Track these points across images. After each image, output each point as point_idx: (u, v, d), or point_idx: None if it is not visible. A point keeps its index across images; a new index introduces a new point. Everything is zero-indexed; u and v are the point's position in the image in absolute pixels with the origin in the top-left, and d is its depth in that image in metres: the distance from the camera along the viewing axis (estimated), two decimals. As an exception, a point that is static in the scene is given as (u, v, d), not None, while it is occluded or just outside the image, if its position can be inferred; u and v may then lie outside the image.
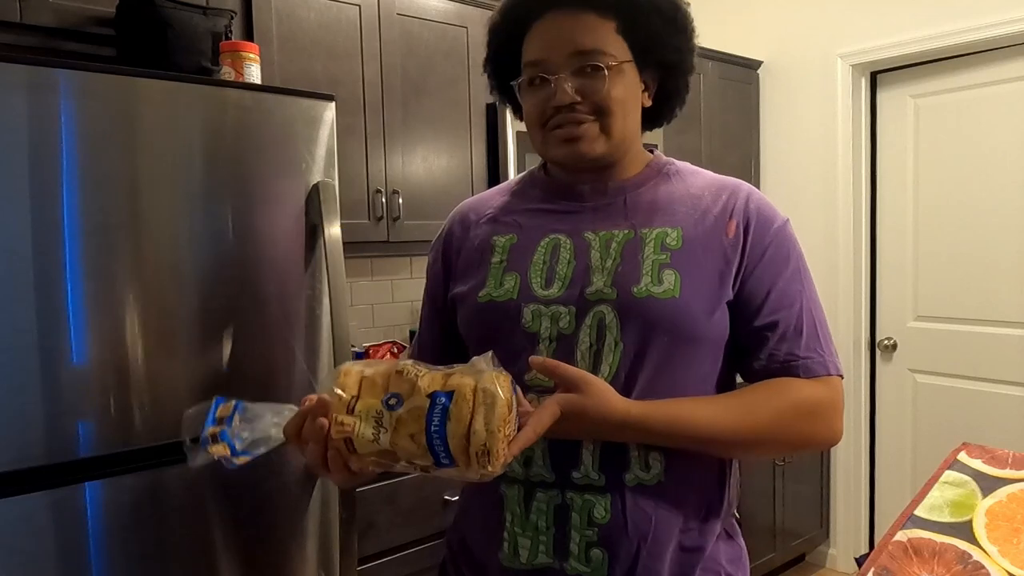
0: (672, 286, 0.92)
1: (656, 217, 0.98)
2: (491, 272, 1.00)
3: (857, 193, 3.15)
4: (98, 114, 1.35)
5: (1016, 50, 2.74)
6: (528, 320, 0.95)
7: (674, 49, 0.99)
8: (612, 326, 0.92)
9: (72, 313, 1.32)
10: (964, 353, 2.94)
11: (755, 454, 1.07)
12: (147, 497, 1.42)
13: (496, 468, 0.74)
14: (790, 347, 0.95)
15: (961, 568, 0.78)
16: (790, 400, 0.95)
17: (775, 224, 1.00)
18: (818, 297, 1.02)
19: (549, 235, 1.00)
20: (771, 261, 0.97)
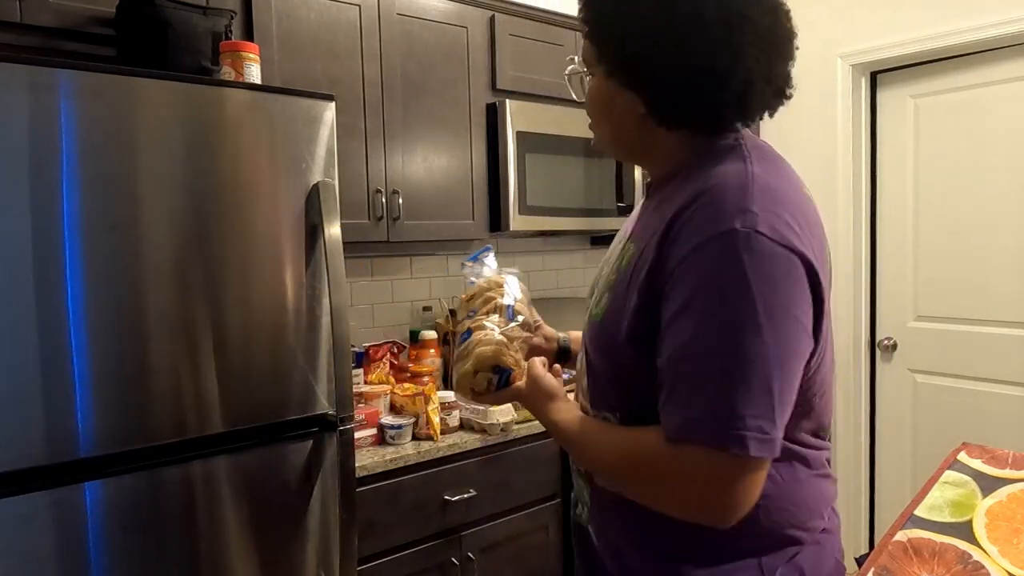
0: (601, 308, 0.93)
1: (640, 227, 0.95)
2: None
3: (857, 193, 3.15)
4: (98, 114, 1.35)
5: (1016, 50, 2.74)
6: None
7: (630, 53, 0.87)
8: (585, 342, 1.01)
9: (72, 313, 1.32)
10: (964, 353, 2.94)
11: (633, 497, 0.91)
12: (147, 497, 1.42)
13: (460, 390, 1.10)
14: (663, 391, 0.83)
15: (961, 568, 0.78)
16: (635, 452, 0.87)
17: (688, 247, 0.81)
18: (736, 344, 0.77)
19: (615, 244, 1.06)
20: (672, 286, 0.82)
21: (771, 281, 0.78)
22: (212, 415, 1.49)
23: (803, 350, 0.82)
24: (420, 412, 2.04)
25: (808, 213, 0.87)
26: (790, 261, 0.79)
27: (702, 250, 0.80)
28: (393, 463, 1.89)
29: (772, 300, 0.78)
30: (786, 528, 0.92)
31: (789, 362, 0.80)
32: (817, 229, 0.88)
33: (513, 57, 2.45)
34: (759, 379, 0.77)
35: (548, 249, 3.06)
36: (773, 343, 0.77)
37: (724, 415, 0.77)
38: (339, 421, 1.63)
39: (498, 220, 2.40)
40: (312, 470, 1.64)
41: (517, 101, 2.40)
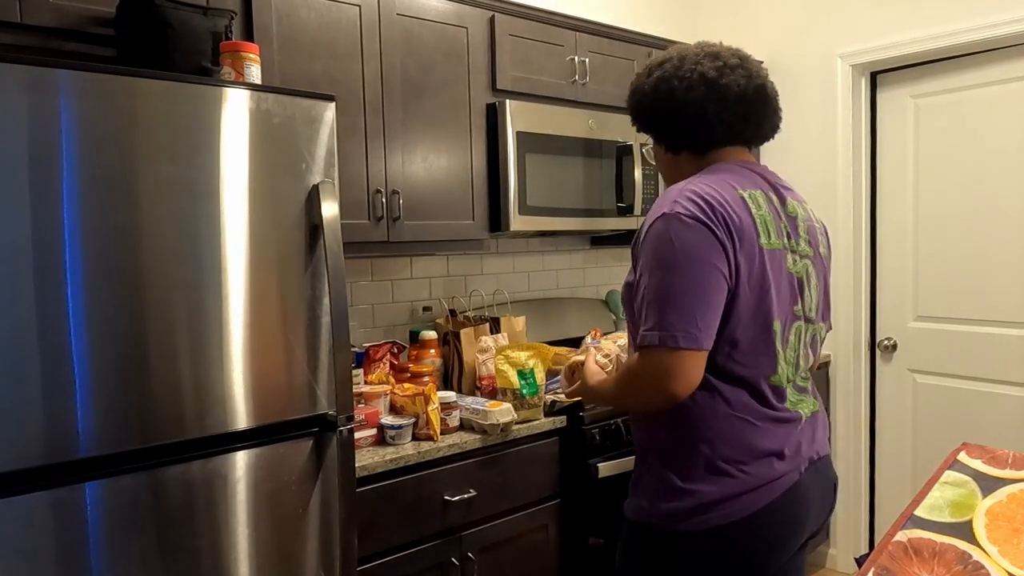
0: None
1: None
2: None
3: (857, 193, 3.15)
4: (98, 114, 1.35)
5: (1016, 50, 2.74)
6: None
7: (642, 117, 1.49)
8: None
9: (72, 313, 1.32)
10: (964, 353, 2.94)
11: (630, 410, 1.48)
12: (147, 497, 1.42)
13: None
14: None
15: (961, 568, 0.78)
16: (622, 374, 1.38)
17: (642, 234, 1.32)
18: (667, 283, 1.24)
19: None
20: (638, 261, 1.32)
21: (686, 241, 1.24)
22: (212, 415, 1.49)
23: (717, 283, 1.24)
24: (420, 412, 2.04)
25: (730, 206, 1.29)
26: (700, 229, 1.25)
27: (648, 233, 1.30)
28: (393, 463, 1.89)
29: (688, 252, 1.24)
30: (700, 444, 1.31)
31: (704, 287, 1.23)
32: (736, 217, 1.28)
33: (513, 57, 2.45)
34: (683, 301, 1.23)
35: (548, 249, 3.06)
36: (690, 278, 1.23)
37: (663, 325, 1.23)
38: (339, 421, 1.63)
39: (498, 220, 2.40)
40: (312, 470, 1.64)
41: (517, 101, 2.40)
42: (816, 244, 1.46)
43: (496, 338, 2.44)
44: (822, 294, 1.46)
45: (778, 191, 1.44)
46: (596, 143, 2.59)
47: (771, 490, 1.31)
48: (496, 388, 2.27)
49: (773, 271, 1.31)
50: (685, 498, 1.31)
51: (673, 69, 1.39)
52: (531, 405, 2.20)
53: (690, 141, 1.43)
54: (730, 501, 1.29)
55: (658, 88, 1.40)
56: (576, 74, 2.63)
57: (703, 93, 1.37)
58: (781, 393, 1.35)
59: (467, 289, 2.79)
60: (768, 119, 1.46)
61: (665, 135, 1.45)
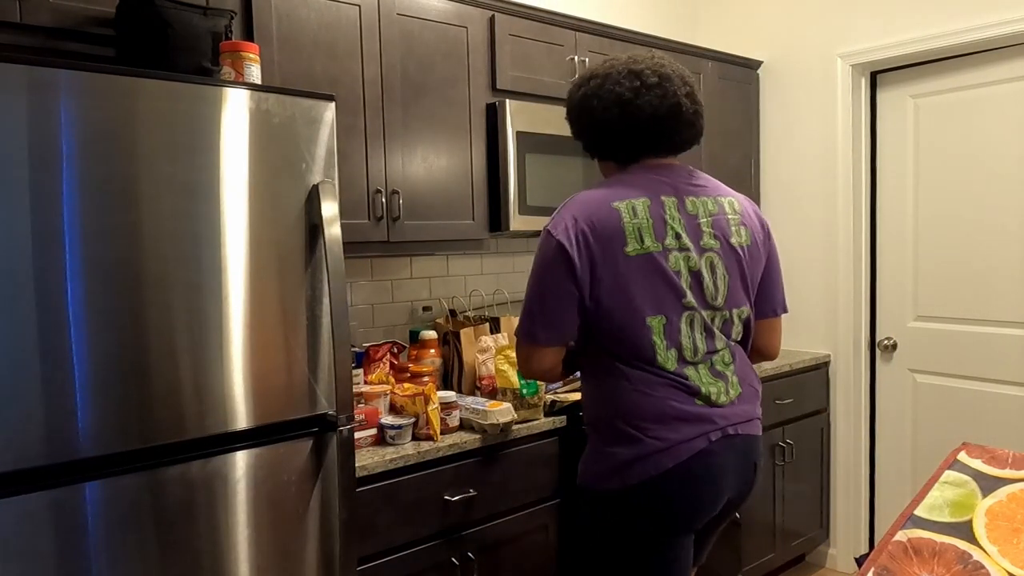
0: None
1: None
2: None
3: (857, 193, 3.15)
4: (98, 114, 1.35)
5: (1016, 50, 2.74)
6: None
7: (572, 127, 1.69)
8: None
9: (72, 313, 1.33)
10: (964, 353, 2.94)
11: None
12: (147, 497, 1.42)
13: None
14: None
15: (961, 568, 0.78)
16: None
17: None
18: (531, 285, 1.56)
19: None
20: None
21: (545, 253, 1.53)
22: (212, 415, 1.49)
23: (563, 292, 1.51)
24: (420, 412, 2.04)
25: (595, 224, 1.50)
26: (559, 247, 1.51)
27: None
28: (393, 463, 1.89)
29: (543, 262, 1.53)
30: (613, 416, 1.55)
31: (546, 298, 1.53)
32: (602, 234, 1.50)
33: (513, 57, 2.45)
34: (537, 305, 1.55)
35: (548, 249, 3.05)
36: (541, 289, 1.54)
37: (521, 325, 1.58)
38: (339, 421, 1.63)
39: (498, 220, 2.40)
40: (312, 470, 1.64)
41: (517, 101, 2.40)
42: (725, 235, 1.58)
43: (496, 338, 2.44)
44: (738, 280, 1.59)
45: (680, 194, 1.57)
46: (596, 143, 2.59)
47: (678, 452, 1.50)
48: (496, 388, 2.27)
49: (642, 273, 1.50)
50: (605, 460, 1.55)
51: (596, 87, 1.56)
52: (531, 405, 2.21)
53: (608, 153, 1.62)
54: (641, 461, 1.50)
55: (581, 105, 1.59)
56: (576, 74, 2.63)
57: (616, 114, 1.54)
58: (678, 372, 1.53)
59: (467, 289, 2.79)
60: (680, 133, 1.58)
61: (589, 145, 1.65)
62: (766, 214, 3.44)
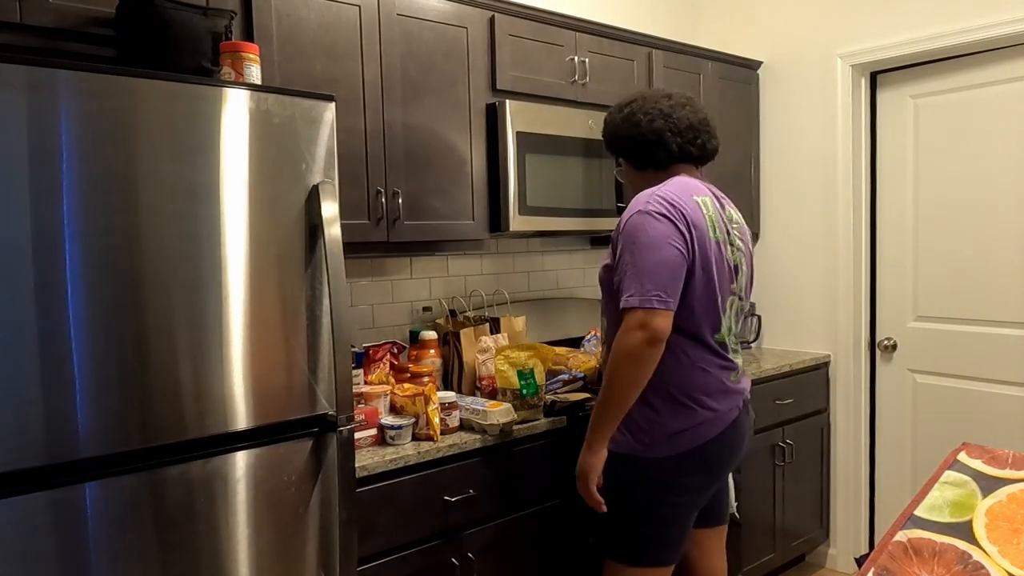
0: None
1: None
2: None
3: (857, 193, 3.15)
4: (98, 114, 1.35)
5: (1016, 50, 2.74)
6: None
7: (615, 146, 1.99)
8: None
9: (72, 313, 1.32)
10: (964, 353, 2.94)
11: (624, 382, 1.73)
12: (147, 497, 1.42)
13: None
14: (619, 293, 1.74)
15: (961, 568, 0.78)
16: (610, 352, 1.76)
17: (620, 227, 1.78)
18: (643, 261, 1.68)
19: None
20: (617, 247, 1.77)
21: (654, 228, 1.71)
22: (212, 415, 1.49)
23: (679, 261, 1.70)
24: (420, 412, 2.04)
25: (686, 206, 1.76)
26: (665, 222, 1.71)
27: (626, 225, 1.76)
28: (393, 463, 1.89)
29: (658, 238, 1.70)
30: (672, 388, 1.79)
31: (669, 265, 1.69)
32: (693, 218, 1.76)
33: (513, 57, 2.45)
34: (655, 274, 1.68)
35: (548, 249, 3.06)
36: (660, 258, 1.69)
37: (643, 292, 1.67)
38: (339, 421, 1.63)
39: (498, 220, 2.40)
40: (312, 470, 1.64)
41: (517, 101, 2.40)
42: (746, 242, 1.95)
43: (496, 338, 2.44)
44: (748, 279, 1.95)
45: (719, 200, 1.90)
46: (596, 143, 2.59)
47: (721, 421, 1.83)
48: (496, 388, 2.27)
49: (716, 257, 1.79)
50: (655, 430, 1.80)
51: (638, 107, 1.89)
52: (531, 405, 2.20)
53: (653, 159, 1.90)
54: (692, 430, 1.79)
55: (627, 120, 1.90)
56: (576, 74, 2.63)
57: (661, 124, 1.86)
58: (725, 347, 1.86)
59: (467, 289, 2.79)
60: (711, 141, 1.93)
61: (634, 156, 1.93)
62: (766, 214, 3.44)
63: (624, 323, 1.69)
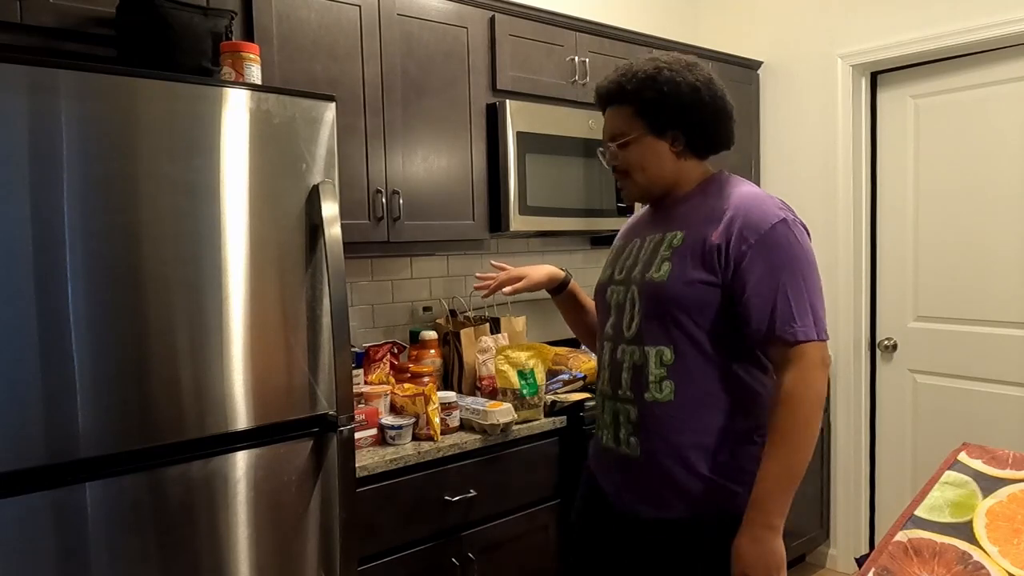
0: (664, 273, 1.41)
1: (678, 222, 1.44)
2: (604, 266, 1.61)
3: (857, 193, 3.15)
4: (98, 114, 1.35)
5: (1016, 50, 2.74)
6: (608, 295, 1.53)
7: (677, 113, 1.42)
8: (638, 297, 1.44)
9: (72, 313, 1.32)
10: (964, 353, 2.94)
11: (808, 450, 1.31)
12: (147, 497, 1.42)
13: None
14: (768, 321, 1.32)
15: (961, 568, 0.78)
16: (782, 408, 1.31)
17: (756, 235, 1.34)
18: (810, 283, 1.34)
19: (634, 239, 1.54)
20: (750, 261, 1.34)
21: (807, 243, 1.38)
22: (212, 415, 1.49)
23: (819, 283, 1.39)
24: (420, 412, 2.04)
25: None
26: (805, 232, 1.39)
27: (770, 234, 1.34)
28: (393, 463, 1.89)
29: (811, 256, 1.37)
30: (752, 432, 1.41)
31: (818, 288, 1.37)
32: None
33: (513, 57, 2.45)
34: (819, 298, 1.35)
35: (548, 249, 3.06)
36: (817, 278, 1.36)
37: (817, 320, 1.33)
38: (339, 421, 1.63)
39: (498, 220, 2.40)
40: (312, 470, 1.64)
41: (517, 101, 2.40)
42: None
43: (496, 338, 2.44)
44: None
45: None
46: (596, 143, 2.59)
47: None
48: (496, 388, 2.27)
49: None
50: (742, 481, 1.37)
51: (706, 77, 1.45)
52: (531, 405, 2.21)
53: (712, 142, 1.47)
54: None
55: (706, 87, 1.43)
56: (576, 74, 2.63)
57: (731, 103, 1.49)
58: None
59: (467, 289, 2.79)
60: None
61: (695, 132, 1.44)
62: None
63: (804, 360, 1.30)
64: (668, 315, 1.38)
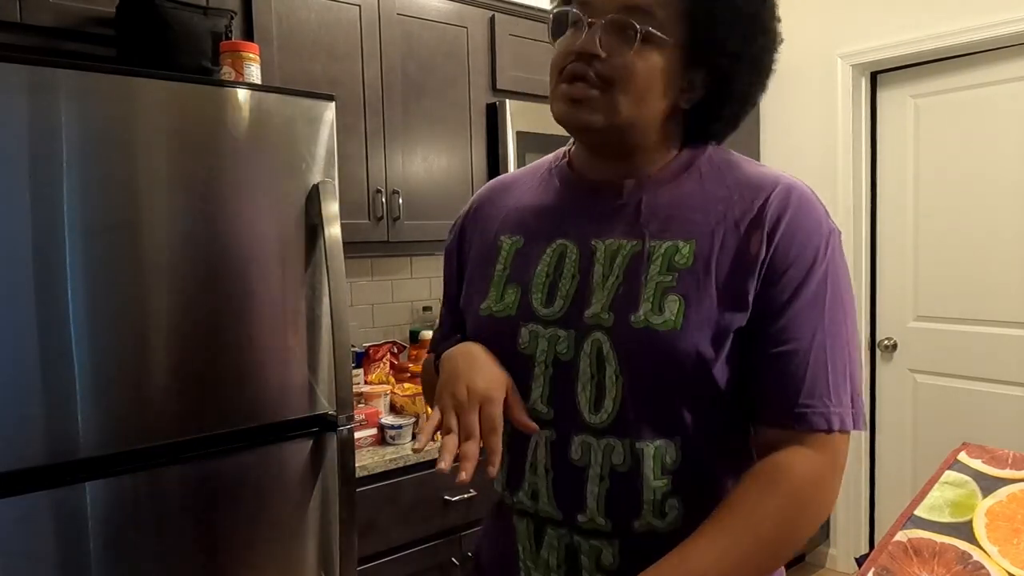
0: (674, 316, 0.80)
1: (671, 225, 0.84)
2: (494, 282, 0.91)
3: (857, 193, 3.15)
4: (98, 114, 1.35)
5: (1016, 50, 2.74)
6: (524, 341, 0.87)
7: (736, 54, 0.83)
8: (610, 357, 0.82)
9: (72, 313, 1.32)
10: (964, 353, 2.94)
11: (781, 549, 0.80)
12: (147, 497, 1.42)
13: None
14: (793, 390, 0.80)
15: (961, 568, 0.78)
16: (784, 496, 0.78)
17: (813, 250, 0.82)
18: (853, 338, 0.84)
19: (556, 241, 0.89)
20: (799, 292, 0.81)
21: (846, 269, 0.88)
22: (212, 415, 1.49)
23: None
24: (420, 412, 2.04)
25: None
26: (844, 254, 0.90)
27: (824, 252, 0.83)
28: (393, 463, 1.89)
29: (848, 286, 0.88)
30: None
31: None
32: None
33: (513, 57, 2.45)
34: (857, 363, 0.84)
35: (548, 249, 3.06)
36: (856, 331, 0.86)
37: (856, 401, 0.82)
38: (339, 421, 1.63)
39: (498, 220, 2.40)
40: (312, 470, 1.64)
41: (517, 101, 2.40)
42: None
43: (496, 338, 2.44)
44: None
45: None
46: (596, 143, 2.60)
47: None
48: (496, 388, 2.27)
49: None
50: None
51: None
52: (531, 405, 2.20)
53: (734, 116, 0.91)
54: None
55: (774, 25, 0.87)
56: (576, 74, 2.63)
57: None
58: None
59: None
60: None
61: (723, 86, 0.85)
62: (766, 214, 3.44)
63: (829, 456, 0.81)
64: (682, 389, 0.82)
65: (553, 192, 0.94)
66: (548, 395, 0.86)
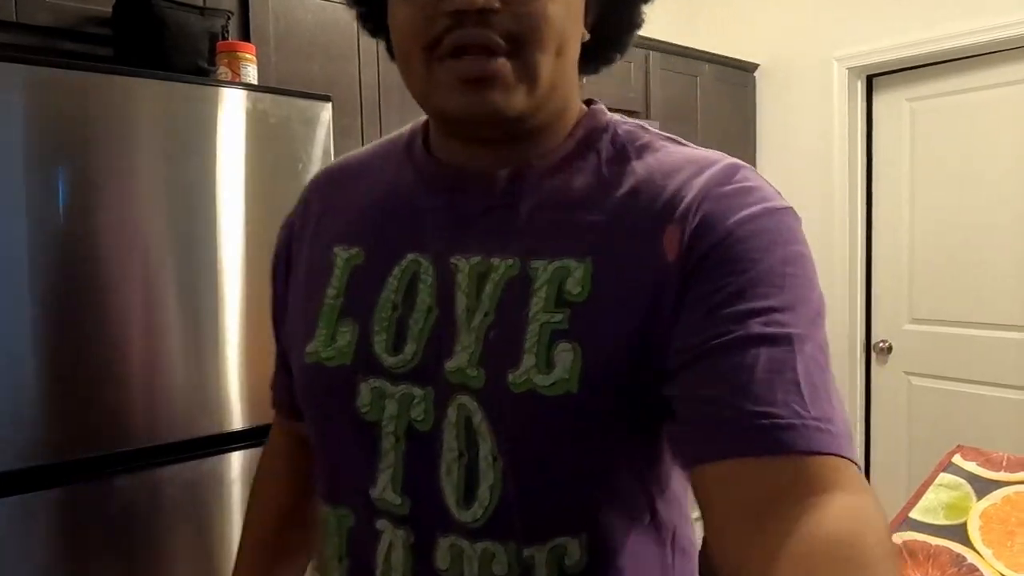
0: (567, 373, 0.54)
1: (559, 235, 0.58)
2: (323, 313, 0.65)
3: (853, 196, 3.16)
4: (95, 114, 1.35)
5: (1013, 54, 2.75)
6: (365, 403, 0.61)
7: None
8: (483, 431, 0.57)
9: (70, 313, 1.32)
10: (959, 356, 2.95)
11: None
12: (147, 497, 1.41)
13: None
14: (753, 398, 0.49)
15: (956, 570, 0.78)
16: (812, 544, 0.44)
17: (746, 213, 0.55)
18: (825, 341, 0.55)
19: (407, 256, 0.62)
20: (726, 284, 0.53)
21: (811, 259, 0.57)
22: (211, 415, 1.49)
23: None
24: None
25: None
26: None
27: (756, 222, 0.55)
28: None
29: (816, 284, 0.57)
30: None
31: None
32: None
33: (510, 59, 2.45)
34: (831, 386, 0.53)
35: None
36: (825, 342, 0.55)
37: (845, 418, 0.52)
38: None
39: (495, 221, 2.40)
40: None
41: (514, 103, 2.39)
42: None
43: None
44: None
45: None
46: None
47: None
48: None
49: None
50: None
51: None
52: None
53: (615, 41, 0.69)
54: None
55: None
56: (573, 76, 2.63)
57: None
58: None
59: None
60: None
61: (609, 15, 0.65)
62: (762, 216, 3.44)
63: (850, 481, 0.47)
64: (586, 470, 0.58)
65: (405, 185, 0.67)
66: (402, 480, 0.59)
